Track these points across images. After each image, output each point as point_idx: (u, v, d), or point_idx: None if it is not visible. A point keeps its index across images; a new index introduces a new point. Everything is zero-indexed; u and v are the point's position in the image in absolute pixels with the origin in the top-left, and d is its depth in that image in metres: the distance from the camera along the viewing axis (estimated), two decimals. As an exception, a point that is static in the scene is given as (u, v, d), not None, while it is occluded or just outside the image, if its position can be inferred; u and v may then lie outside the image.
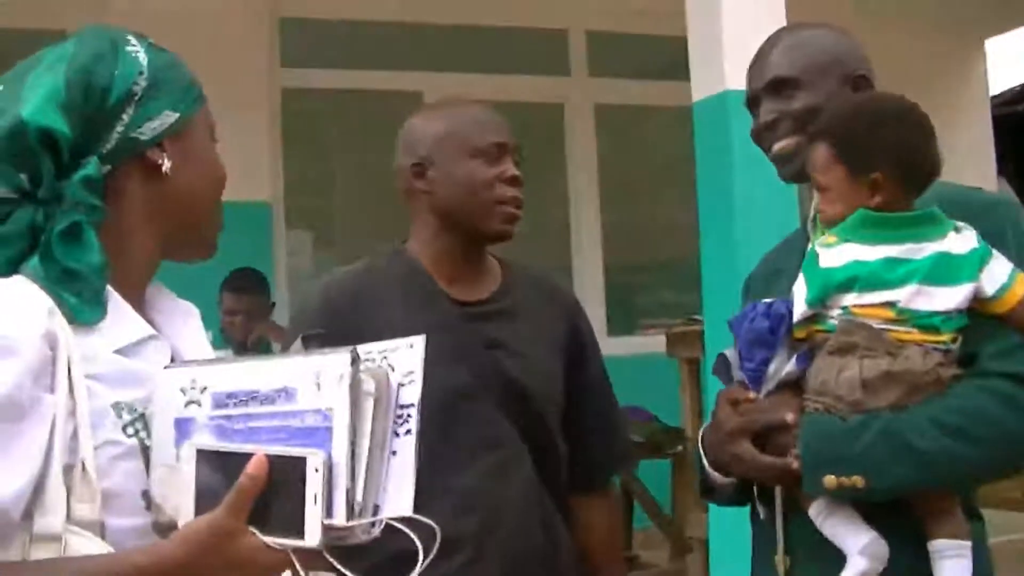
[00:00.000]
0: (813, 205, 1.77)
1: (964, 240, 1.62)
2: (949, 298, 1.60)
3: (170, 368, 1.21)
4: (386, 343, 1.15)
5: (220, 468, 1.11)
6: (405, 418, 1.13)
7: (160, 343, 1.29)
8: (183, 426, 1.16)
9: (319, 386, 1.10)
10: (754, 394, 1.70)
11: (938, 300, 1.60)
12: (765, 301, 1.70)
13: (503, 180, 2.00)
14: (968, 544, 1.59)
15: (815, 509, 1.63)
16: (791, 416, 1.64)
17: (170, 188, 1.30)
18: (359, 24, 6.26)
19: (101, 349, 1.21)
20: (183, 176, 1.31)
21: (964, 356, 1.62)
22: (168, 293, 1.40)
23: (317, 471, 1.07)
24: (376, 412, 1.10)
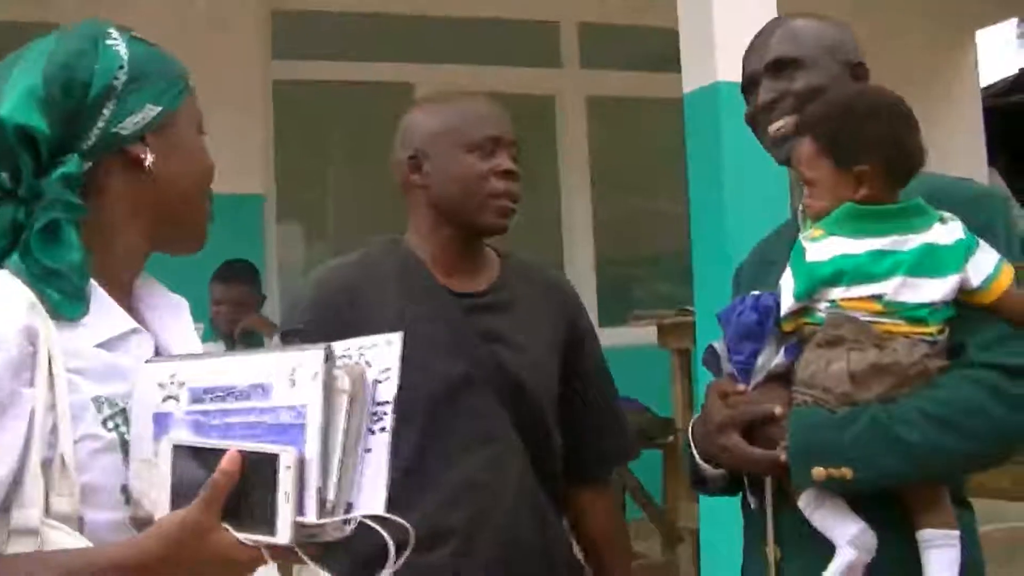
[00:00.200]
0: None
1: (949, 231, 1.62)
2: (935, 289, 1.60)
3: (151, 362, 1.21)
4: (363, 339, 1.14)
5: (196, 463, 1.11)
6: (381, 415, 1.12)
7: (143, 337, 1.28)
8: (161, 421, 1.16)
9: (293, 382, 1.10)
10: (743, 386, 1.70)
11: (924, 292, 1.60)
12: (753, 294, 1.70)
13: (497, 174, 1.99)
14: (956, 534, 1.60)
15: (804, 500, 1.63)
16: (780, 408, 1.64)
17: (154, 182, 1.29)
18: (351, 16, 6.25)
19: (83, 343, 1.21)
20: (167, 170, 1.30)
21: (952, 347, 1.63)
22: (159, 286, 1.40)
23: (289, 468, 1.07)
24: (351, 409, 1.10)
